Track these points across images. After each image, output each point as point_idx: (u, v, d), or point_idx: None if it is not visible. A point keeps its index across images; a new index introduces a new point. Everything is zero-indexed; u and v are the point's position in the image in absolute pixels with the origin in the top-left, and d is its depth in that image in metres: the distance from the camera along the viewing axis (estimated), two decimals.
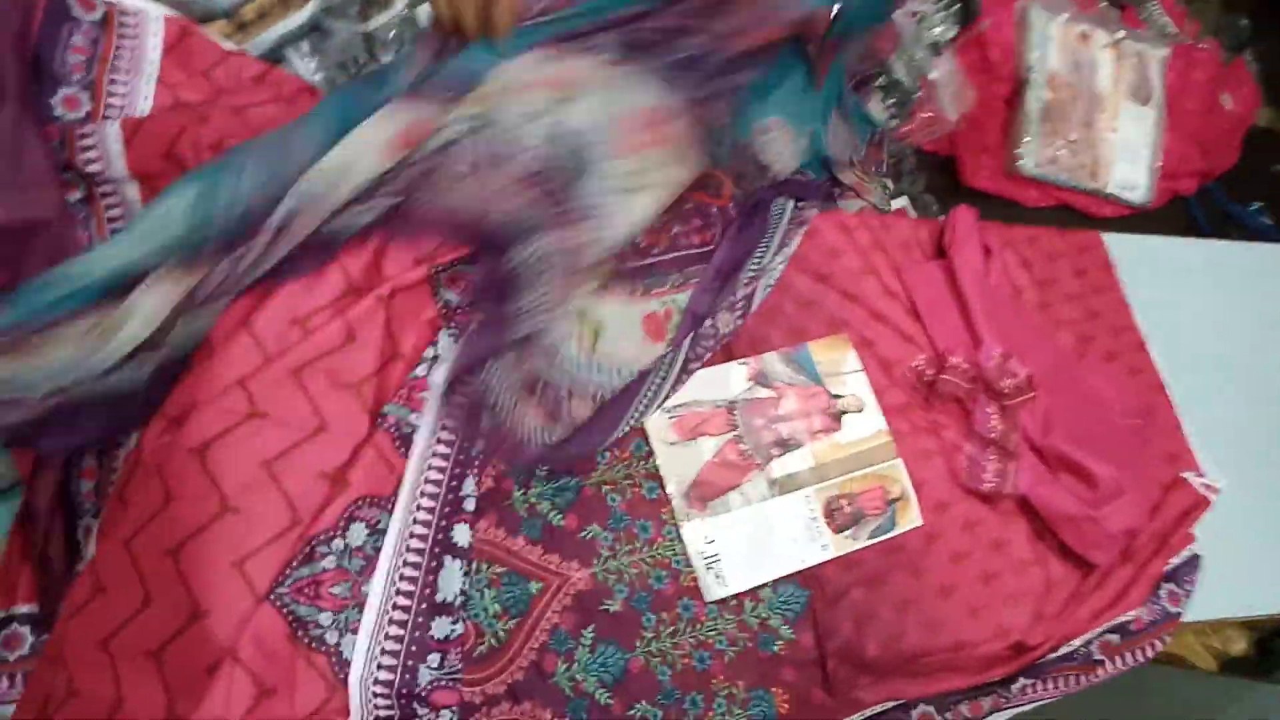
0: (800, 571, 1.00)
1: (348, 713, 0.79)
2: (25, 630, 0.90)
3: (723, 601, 0.96)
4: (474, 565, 0.88)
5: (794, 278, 1.13)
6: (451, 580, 0.86)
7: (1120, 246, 1.37)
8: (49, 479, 0.89)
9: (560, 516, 0.94)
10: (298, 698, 0.78)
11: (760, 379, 1.06)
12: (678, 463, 1.00)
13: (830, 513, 1.04)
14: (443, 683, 0.83)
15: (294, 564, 0.82)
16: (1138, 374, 1.30)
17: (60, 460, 0.89)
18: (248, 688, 0.76)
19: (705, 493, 1.00)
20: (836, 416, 1.08)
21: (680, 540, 0.97)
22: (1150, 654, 1.18)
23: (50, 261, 0.88)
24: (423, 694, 0.82)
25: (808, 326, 1.12)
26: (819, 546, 1.02)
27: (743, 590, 0.97)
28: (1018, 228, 1.30)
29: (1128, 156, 1.57)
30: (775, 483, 1.03)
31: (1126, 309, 1.33)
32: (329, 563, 0.83)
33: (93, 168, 0.90)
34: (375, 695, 0.80)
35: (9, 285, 0.87)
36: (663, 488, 0.99)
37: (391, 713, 0.80)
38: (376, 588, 0.84)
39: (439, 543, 0.86)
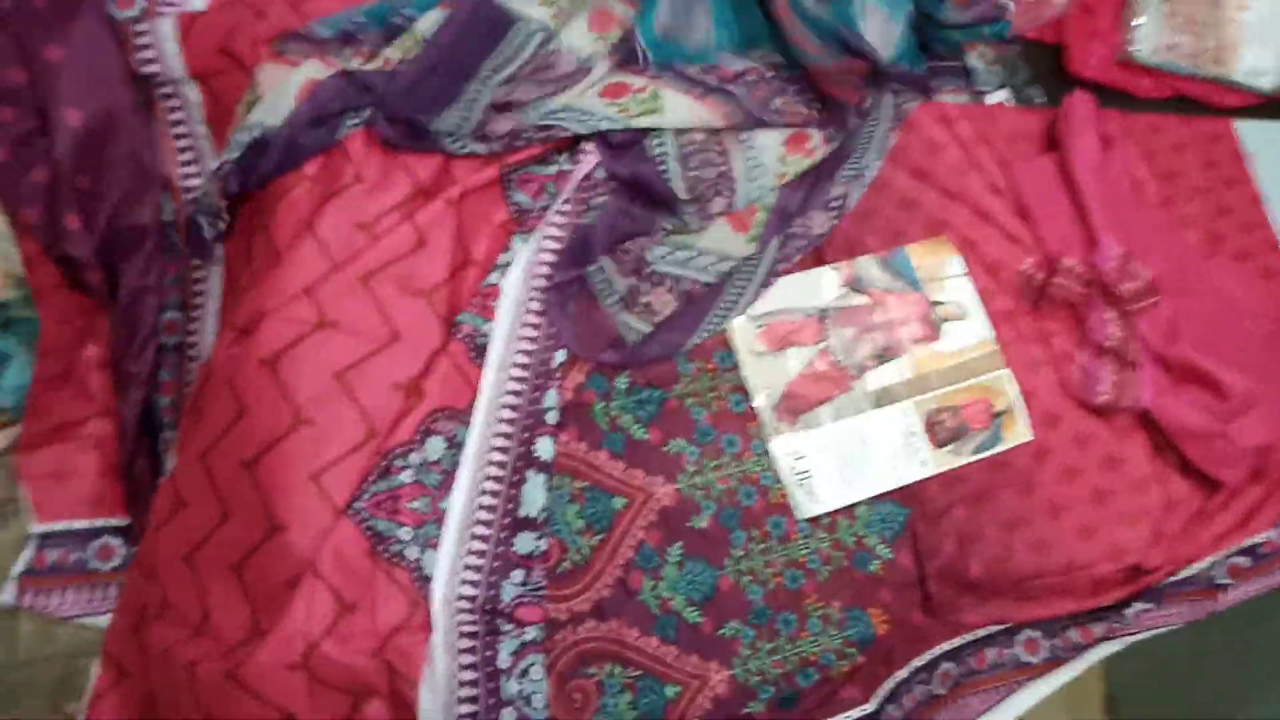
0: (898, 488, 0.94)
1: (430, 628, 0.76)
2: (117, 542, 0.91)
3: (815, 519, 0.91)
4: (556, 480, 0.84)
5: (891, 176, 1.04)
6: (535, 495, 0.82)
7: (1254, 136, 1.24)
8: (135, 395, 0.88)
9: (643, 430, 0.89)
10: (380, 613, 0.76)
11: (854, 284, 0.99)
12: (766, 374, 0.93)
13: (931, 427, 0.97)
14: (527, 599, 0.80)
15: (371, 478, 0.79)
16: (1272, 276, 1.17)
17: (146, 376, 0.88)
18: (329, 602, 0.74)
19: (795, 405, 0.93)
20: (937, 324, 1.00)
21: (769, 455, 0.92)
22: None
23: (130, 169, 0.86)
24: (507, 610, 0.79)
25: (906, 228, 1.03)
26: (918, 462, 0.95)
27: (836, 508, 0.92)
28: (1139, 116, 1.18)
29: (1258, 38, 1.40)
30: (871, 395, 0.96)
31: (1260, 204, 1.20)
32: (406, 477, 0.80)
33: (149, 69, 0.86)
34: (459, 611, 0.78)
35: (93, 189, 0.84)
36: (749, 400, 0.93)
37: (475, 628, 0.78)
38: (457, 503, 0.81)
39: (521, 456, 0.83)
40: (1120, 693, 1.93)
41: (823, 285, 0.98)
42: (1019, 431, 1.00)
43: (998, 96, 1.27)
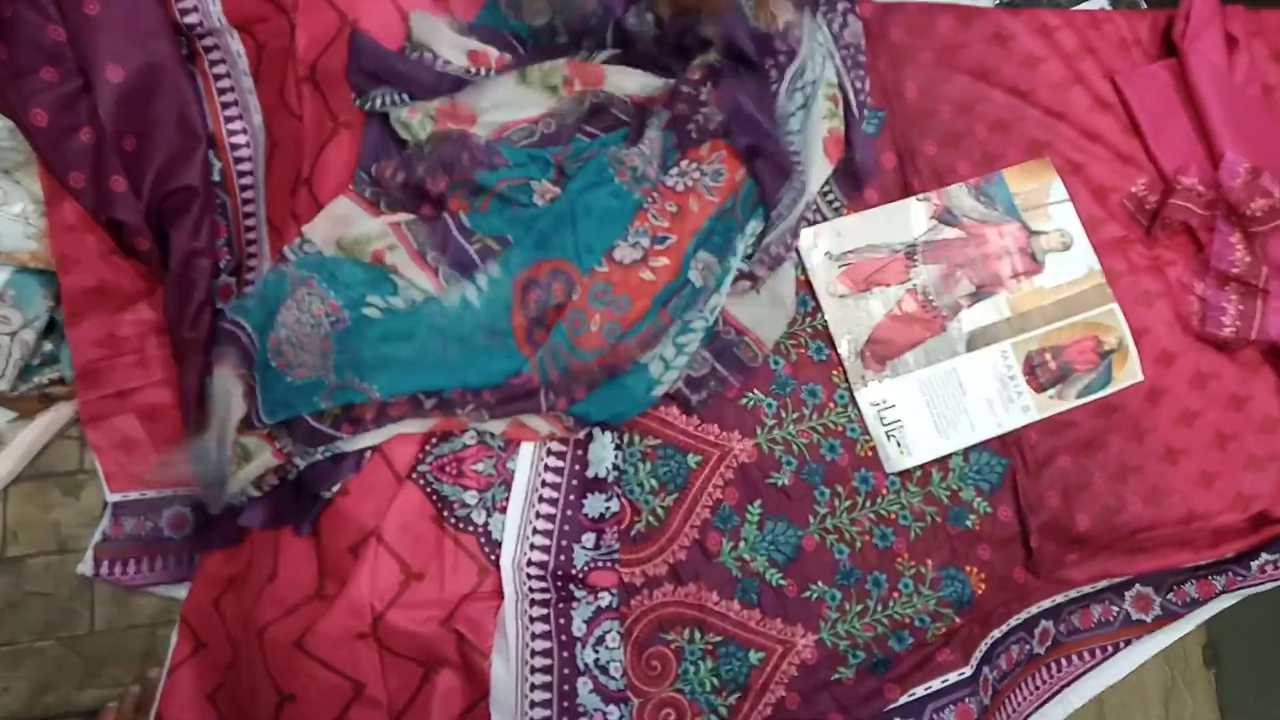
0: (996, 437, 0.87)
1: (500, 595, 0.73)
2: (187, 510, 0.90)
3: (906, 473, 0.85)
4: (626, 438, 0.80)
5: (985, 93, 0.94)
6: (603, 454, 0.78)
7: None
8: (195, 362, 0.86)
9: None
10: (448, 580, 0.73)
11: (945, 216, 0.90)
12: (849, 318, 0.86)
13: (1031, 369, 0.89)
14: (600, 563, 0.76)
15: (433, 440, 0.75)
16: None
17: (203, 343, 0.86)
18: (394, 570, 0.71)
19: (882, 351, 0.86)
20: (1038, 257, 0.91)
21: (855, 405, 0.85)
22: None
23: (176, 127, 0.83)
24: (579, 575, 0.75)
25: (1003, 152, 0.93)
26: (1019, 409, 0.87)
27: (929, 460, 0.85)
28: (1270, 13, 1.04)
29: None
30: (965, 337, 0.88)
31: None
32: (469, 438, 0.76)
33: (190, 18, 0.82)
34: (530, 577, 0.74)
35: (139, 150, 0.82)
36: (832, 347, 0.86)
37: (548, 595, 0.74)
38: (523, 464, 0.77)
39: None
40: (1220, 642, 1.83)
41: (911, 218, 0.90)
42: (1130, 371, 0.91)
43: (1096, 3, 1.16)
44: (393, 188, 0.78)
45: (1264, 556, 0.95)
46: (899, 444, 0.85)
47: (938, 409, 0.86)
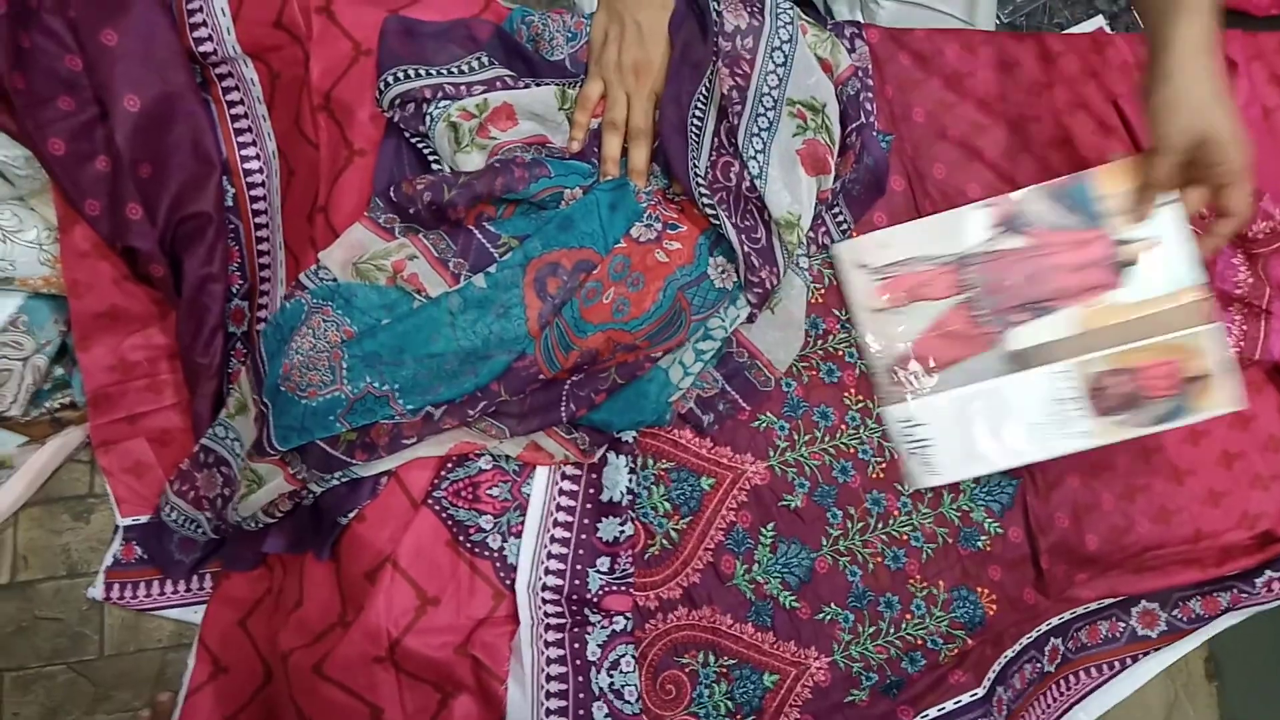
0: None
1: (516, 620, 0.73)
2: (198, 534, 0.90)
3: (918, 494, 0.85)
4: (639, 460, 0.80)
5: (993, 119, 0.95)
6: (617, 478, 0.78)
7: None
8: (207, 387, 0.87)
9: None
10: (464, 605, 0.73)
11: (1011, 223, 0.83)
12: (884, 333, 0.84)
13: (1096, 392, 0.81)
14: (614, 587, 0.76)
15: (449, 465, 0.76)
16: None
17: (215, 368, 0.87)
18: (409, 595, 0.71)
19: (921, 368, 0.84)
20: (1119, 268, 0.82)
21: (866, 428, 0.86)
22: None
23: (191, 154, 0.84)
24: (594, 599, 0.75)
25: (1013, 176, 0.94)
26: (1078, 433, 0.81)
27: (957, 480, 0.84)
28: (1267, 36, 1.06)
29: None
30: (1014, 355, 0.83)
31: None
32: (485, 463, 0.77)
33: (205, 47, 0.83)
34: (545, 601, 0.74)
35: (154, 177, 0.82)
36: (844, 369, 0.86)
37: (563, 620, 0.75)
38: (538, 488, 0.77)
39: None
40: (1223, 655, 1.84)
41: (966, 228, 0.83)
42: (1220, 400, 0.80)
43: (1093, 24, 1.18)
44: (417, 207, 0.77)
45: (1269, 574, 0.95)
46: (925, 462, 0.83)
47: (973, 430, 0.83)
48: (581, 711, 0.73)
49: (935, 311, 0.84)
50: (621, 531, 0.77)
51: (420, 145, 0.81)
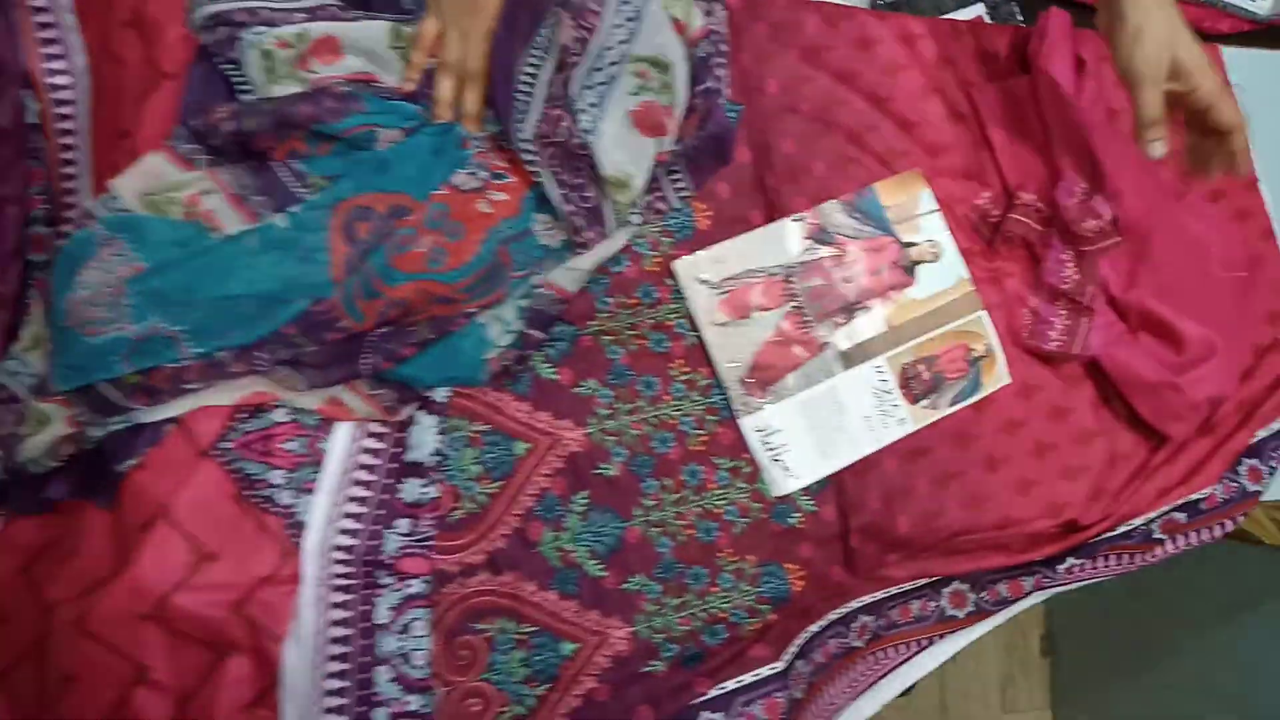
0: None
1: (300, 580, 0.71)
2: None
3: (735, 469, 0.85)
4: (450, 422, 0.77)
5: (846, 97, 0.94)
6: (424, 438, 0.76)
7: (1239, 64, 1.15)
8: (4, 316, 0.80)
9: (552, 369, 0.82)
10: (246, 563, 0.70)
11: (820, 235, 0.90)
12: (731, 346, 0.86)
13: (906, 381, 0.91)
14: (412, 550, 0.74)
15: (242, 415, 0.72)
16: (1246, 218, 1.11)
17: (11, 298, 0.80)
18: (182, 550, 0.68)
19: (765, 377, 0.87)
20: (909, 268, 0.93)
21: (690, 400, 0.85)
22: (1219, 534, 1.06)
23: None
24: (388, 561, 0.73)
25: (858, 157, 0.93)
26: (896, 421, 0.90)
27: (813, 480, 0.87)
28: None
29: None
30: (842, 355, 0.89)
31: None
32: (281, 415, 0.73)
33: None
34: (334, 561, 0.72)
35: None
36: (673, 339, 0.86)
37: (352, 581, 0.72)
38: (337, 445, 0.74)
39: None
40: (1058, 631, 1.95)
41: (786, 240, 0.89)
42: (998, 375, 0.95)
43: (973, 11, 1.18)
44: (223, 137, 0.72)
45: (1070, 560, 1.00)
46: (785, 467, 0.86)
47: (820, 429, 0.87)
48: (364, 675, 0.71)
49: (772, 321, 0.88)
50: (425, 494, 0.75)
51: (232, 74, 0.76)
